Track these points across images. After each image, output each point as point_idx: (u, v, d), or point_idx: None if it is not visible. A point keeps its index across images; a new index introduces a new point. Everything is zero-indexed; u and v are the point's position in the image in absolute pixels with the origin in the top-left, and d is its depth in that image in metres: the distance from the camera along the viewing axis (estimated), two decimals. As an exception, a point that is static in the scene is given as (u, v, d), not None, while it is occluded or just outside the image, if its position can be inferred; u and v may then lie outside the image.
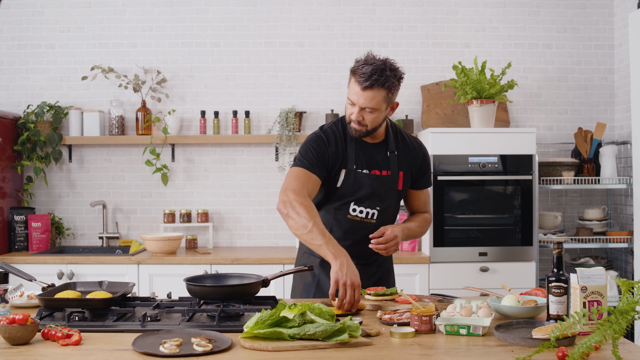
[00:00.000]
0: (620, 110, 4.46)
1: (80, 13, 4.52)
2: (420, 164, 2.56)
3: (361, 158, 2.47)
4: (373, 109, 2.34)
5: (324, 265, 2.48)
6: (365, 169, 2.47)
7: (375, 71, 2.29)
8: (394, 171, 2.50)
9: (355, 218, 2.49)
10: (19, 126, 4.31)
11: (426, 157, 2.60)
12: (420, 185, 2.60)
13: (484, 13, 4.54)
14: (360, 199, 2.47)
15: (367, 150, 2.49)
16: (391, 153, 2.50)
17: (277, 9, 4.52)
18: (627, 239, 4.07)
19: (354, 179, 2.45)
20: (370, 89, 2.30)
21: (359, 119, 2.37)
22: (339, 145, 2.46)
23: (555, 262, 2.02)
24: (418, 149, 2.57)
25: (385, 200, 2.49)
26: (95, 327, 1.96)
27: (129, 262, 3.87)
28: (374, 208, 2.48)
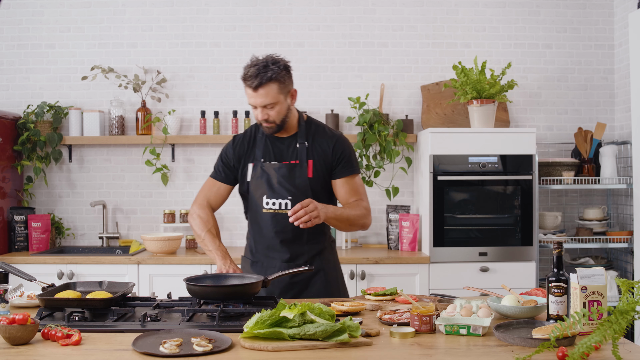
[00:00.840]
0: (620, 110, 4.46)
1: (80, 13, 4.52)
2: (333, 152, 2.59)
3: (270, 152, 2.60)
4: (272, 103, 2.47)
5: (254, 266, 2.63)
6: (274, 161, 2.58)
7: (259, 70, 2.44)
8: (302, 160, 2.56)
9: (270, 211, 2.55)
10: (19, 126, 4.31)
11: (340, 145, 2.61)
12: (338, 174, 2.61)
13: (484, 13, 4.54)
14: (270, 190, 2.54)
15: (277, 144, 2.61)
16: (300, 144, 2.58)
17: (277, 9, 4.52)
18: (627, 239, 4.07)
19: (262, 171, 2.56)
20: (261, 87, 2.44)
21: (265, 117, 2.51)
22: (248, 144, 2.64)
23: (555, 262, 2.02)
24: (331, 138, 2.62)
25: (297, 188, 2.53)
26: (95, 327, 1.97)
27: (129, 262, 3.87)
28: (286, 198, 2.54)
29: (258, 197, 2.57)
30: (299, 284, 2.58)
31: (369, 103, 4.46)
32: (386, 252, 4.12)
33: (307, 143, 2.59)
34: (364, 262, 3.86)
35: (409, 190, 4.49)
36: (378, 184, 4.44)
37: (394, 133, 4.30)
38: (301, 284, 2.59)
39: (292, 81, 2.54)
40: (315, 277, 2.60)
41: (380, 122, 4.29)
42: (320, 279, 2.61)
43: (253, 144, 2.63)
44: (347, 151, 2.62)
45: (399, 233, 4.23)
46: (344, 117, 4.47)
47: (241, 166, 2.64)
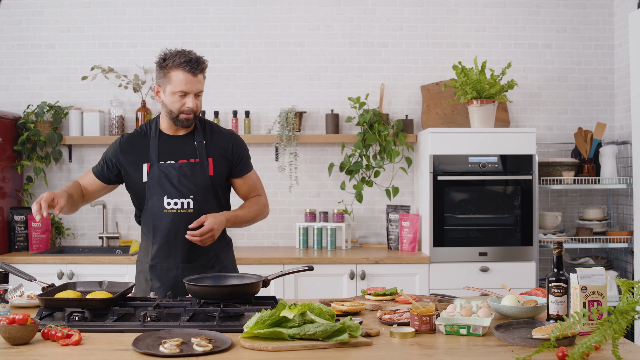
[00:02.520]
0: (620, 110, 4.46)
1: (80, 13, 4.52)
2: (232, 150, 2.59)
3: (165, 151, 2.53)
4: (201, 92, 2.49)
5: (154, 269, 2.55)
6: (170, 160, 2.52)
7: (197, 57, 2.46)
8: (202, 158, 2.53)
9: (172, 211, 2.50)
10: (19, 126, 4.31)
11: (238, 144, 2.63)
12: (238, 172, 2.62)
13: (484, 13, 4.54)
14: (171, 190, 2.49)
15: (172, 142, 2.55)
16: (199, 142, 2.55)
17: (277, 9, 4.52)
18: (627, 239, 4.07)
19: (159, 171, 2.50)
20: (200, 73, 2.46)
21: (194, 107, 2.47)
22: (139, 142, 2.56)
23: (555, 262, 2.02)
24: (229, 137, 2.62)
25: (198, 187, 2.50)
26: (95, 327, 1.96)
27: (129, 262, 3.86)
28: (187, 197, 2.50)
29: (157, 197, 2.50)
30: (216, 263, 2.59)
31: (369, 103, 4.46)
32: (386, 252, 4.12)
33: (205, 141, 2.56)
34: (364, 262, 3.86)
35: (409, 190, 4.49)
36: (378, 184, 4.44)
37: (394, 133, 4.30)
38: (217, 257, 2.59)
39: None
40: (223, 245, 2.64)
41: (380, 122, 4.29)
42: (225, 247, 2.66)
43: (146, 144, 2.55)
44: (244, 150, 2.65)
45: (399, 233, 4.23)
46: (344, 117, 4.47)
47: (131, 167, 2.54)
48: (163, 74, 2.47)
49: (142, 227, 2.63)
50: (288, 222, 4.49)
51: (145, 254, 2.61)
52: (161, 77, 2.48)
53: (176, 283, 2.51)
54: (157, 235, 2.54)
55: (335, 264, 3.87)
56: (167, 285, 2.53)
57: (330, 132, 4.38)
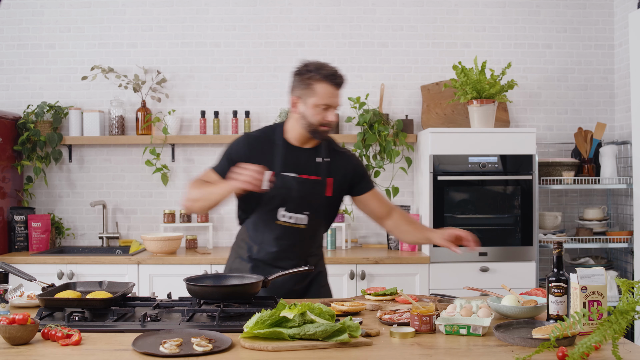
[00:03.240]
0: (620, 110, 4.46)
1: (80, 13, 4.52)
2: (355, 171, 2.58)
3: (289, 161, 2.47)
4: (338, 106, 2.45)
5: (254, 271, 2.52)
6: (293, 172, 2.46)
7: (337, 71, 2.42)
8: (323, 177, 2.50)
9: (285, 224, 2.48)
10: (19, 126, 4.31)
11: (360, 163, 2.63)
12: (362, 189, 2.60)
13: (484, 13, 4.54)
14: (288, 203, 2.46)
15: (296, 154, 2.50)
16: (322, 160, 2.51)
17: (277, 9, 4.52)
18: (627, 239, 4.06)
19: (281, 182, 2.44)
20: (341, 87, 2.43)
21: (334, 119, 2.44)
22: (265, 148, 2.49)
23: (555, 262, 2.02)
24: (351, 157, 2.61)
25: (314, 205, 2.48)
26: (95, 327, 1.97)
27: (129, 262, 3.87)
28: (302, 213, 2.48)
29: (273, 207, 2.46)
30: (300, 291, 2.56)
31: (369, 103, 4.46)
32: (386, 252, 4.12)
33: (329, 159, 2.52)
34: (364, 262, 3.86)
35: (409, 190, 4.49)
36: (378, 184, 4.44)
37: (394, 133, 4.30)
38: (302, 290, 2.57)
39: None
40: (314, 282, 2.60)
41: (380, 122, 4.29)
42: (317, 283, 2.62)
43: (272, 150, 2.48)
44: (364, 167, 2.65)
45: (399, 233, 4.23)
46: (344, 117, 4.47)
47: None
48: (305, 86, 2.41)
49: (248, 228, 2.57)
50: (288, 222, 4.48)
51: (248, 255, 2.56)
52: (302, 89, 2.42)
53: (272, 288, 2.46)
54: (265, 243, 2.51)
55: (335, 264, 3.87)
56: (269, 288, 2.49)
57: (331, 132, 4.37)
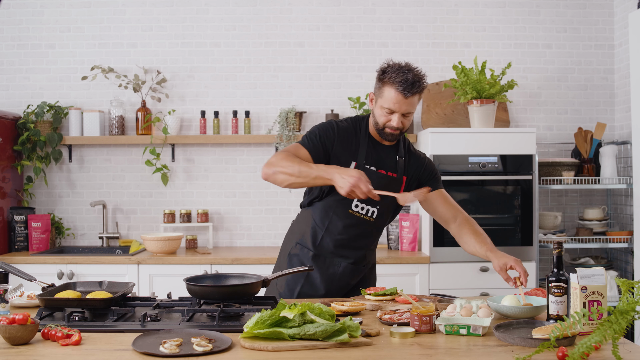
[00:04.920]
0: (620, 110, 4.46)
1: (80, 13, 4.52)
2: (424, 169, 2.61)
3: (372, 155, 2.52)
4: (411, 113, 2.45)
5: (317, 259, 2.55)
6: (373, 167, 2.51)
7: (417, 77, 2.38)
8: (399, 175, 2.55)
9: (356, 214, 2.53)
10: (19, 126, 4.31)
11: (431, 165, 2.66)
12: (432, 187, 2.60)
13: (484, 13, 4.54)
14: None
15: (378, 149, 2.55)
16: (400, 158, 2.56)
17: (277, 9, 4.52)
18: (627, 239, 4.06)
19: None
20: (413, 96, 2.39)
21: (399, 125, 2.44)
22: (352, 138, 2.52)
23: (555, 262, 2.02)
24: (424, 159, 2.65)
25: (385, 201, 2.50)
26: (95, 327, 1.96)
27: (129, 262, 3.87)
28: (375, 206, 2.52)
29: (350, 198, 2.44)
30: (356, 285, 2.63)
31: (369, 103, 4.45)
32: (386, 252, 4.12)
33: (404, 158, 2.57)
34: (364, 262, 3.85)
35: (409, 190, 4.49)
36: (378, 184, 4.43)
37: (394, 133, 4.29)
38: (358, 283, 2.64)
39: None
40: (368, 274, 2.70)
41: (380, 122, 4.28)
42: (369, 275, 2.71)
43: (357, 142, 2.52)
44: (435, 169, 2.67)
45: (399, 233, 4.23)
46: (344, 117, 4.46)
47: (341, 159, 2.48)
48: (379, 86, 2.45)
49: (316, 213, 2.57)
50: (288, 222, 4.47)
51: (311, 242, 2.57)
52: (377, 88, 2.46)
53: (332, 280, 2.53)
54: (332, 230, 2.53)
55: (335, 264, 3.87)
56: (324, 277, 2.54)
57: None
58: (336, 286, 2.56)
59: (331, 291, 2.56)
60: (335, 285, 2.56)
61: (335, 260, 2.56)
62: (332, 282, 2.55)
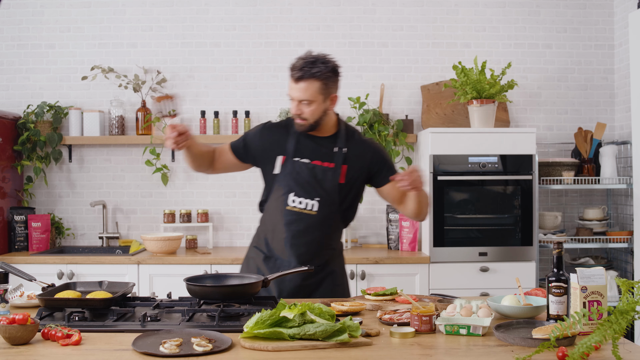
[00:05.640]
0: (620, 110, 4.46)
1: (80, 13, 4.52)
2: (371, 160, 2.56)
3: (303, 148, 2.53)
4: (309, 100, 2.43)
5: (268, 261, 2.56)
6: (305, 159, 2.51)
7: (306, 64, 2.39)
8: (337, 164, 2.51)
9: (294, 209, 2.50)
10: (19, 126, 4.31)
11: (378, 153, 2.59)
12: (382, 180, 2.59)
13: (484, 13, 4.54)
14: (298, 188, 2.49)
15: (312, 142, 2.54)
16: (338, 148, 2.53)
17: (277, 9, 4.52)
18: (627, 239, 4.06)
19: (292, 167, 2.50)
20: (302, 81, 2.40)
21: (297, 112, 2.47)
22: (281, 134, 2.57)
23: (555, 262, 2.02)
24: (371, 148, 2.59)
25: (326, 192, 2.49)
26: (95, 327, 1.97)
27: (129, 262, 3.87)
28: (314, 199, 2.49)
29: (284, 193, 2.50)
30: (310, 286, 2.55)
31: (369, 103, 4.46)
32: (386, 252, 4.12)
33: (345, 149, 2.53)
34: (364, 262, 3.86)
35: (409, 190, 4.49)
36: (378, 184, 4.43)
37: (394, 133, 4.30)
38: (312, 285, 2.56)
39: (337, 86, 2.50)
40: (327, 279, 2.59)
41: (380, 122, 4.29)
42: (329, 281, 2.60)
43: (286, 137, 2.55)
44: (387, 157, 2.63)
45: (399, 233, 4.23)
46: (344, 117, 4.44)
47: (267, 156, 2.56)
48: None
49: (264, 216, 2.63)
50: (288, 222, 4.48)
51: (264, 244, 2.59)
52: None
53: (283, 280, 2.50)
54: (277, 230, 2.54)
55: (335, 264, 3.87)
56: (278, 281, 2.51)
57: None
58: (287, 287, 2.51)
59: (283, 292, 2.51)
60: (287, 285, 2.51)
61: (285, 261, 2.52)
62: (282, 283, 2.50)
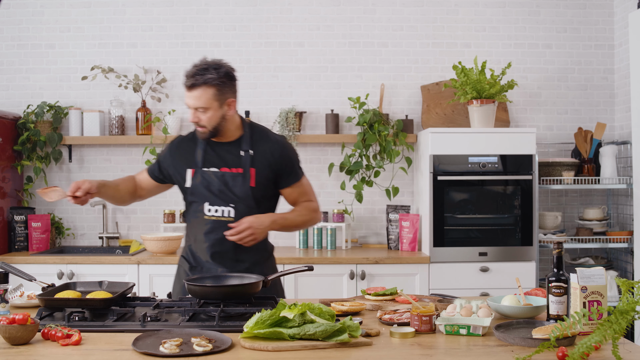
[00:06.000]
0: (620, 110, 4.46)
1: (80, 13, 4.52)
2: (277, 161, 2.52)
3: (210, 157, 2.52)
4: (204, 107, 2.40)
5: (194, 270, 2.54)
6: (214, 168, 2.50)
7: (198, 71, 2.38)
8: (246, 169, 2.49)
9: (212, 218, 2.49)
10: (19, 126, 4.31)
11: (285, 154, 2.54)
12: (284, 183, 2.55)
13: (484, 13, 4.54)
14: (212, 197, 2.48)
15: (217, 149, 2.53)
16: (244, 152, 2.50)
17: (277, 9, 4.52)
18: (627, 239, 4.06)
19: (202, 177, 2.49)
20: (195, 88, 2.38)
21: (195, 120, 2.44)
22: (189, 147, 2.56)
23: (555, 262, 2.02)
24: (276, 146, 2.53)
25: (239, 197, 2.47)
26: (95, 327, 1.97)
27: (129, 262, 3.87)
28: (228, 205, 2.48)
29: (199, 203, 2.50)
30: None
31: (369, 103, 4.46)
32: (386, 252, 4.12)
33: (253, 151, 2.50)
34: (364, 262, 3.86)
35: (409, 190, 4.49)
36: (378, 184, 4.44)
37: (394, 133, 4.30)
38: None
39: (233, 90, 2.48)
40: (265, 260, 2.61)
41: (380, 122, 4.29)
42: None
43: (194, 149, 2.54)
44: (292, 158, 2.56)
45: (399, 233, 4.23)
46: (344, 117, 4.47)
47: (178, 171, 2.56)
48: None
49: (187, 227, 2.63)
50: (288, 222, 4.48)
51: (190, 254, 2.59)
52: None
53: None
54: (198, 240, 2.53)
55: (335, 264, 3.88)
56: None
57: (330, 132, 4.38)
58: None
59: None
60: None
61: (210, 270, 2.50)
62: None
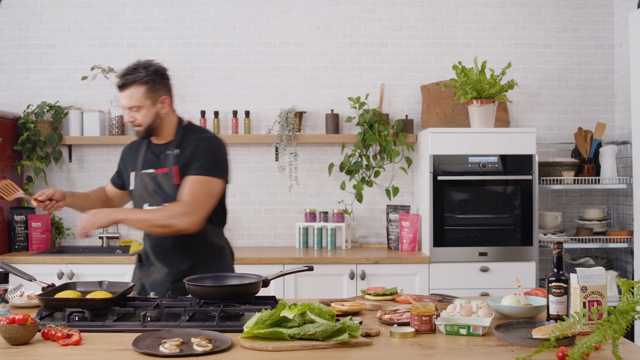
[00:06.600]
0: (620, 110, 4.46)
1: (80, 13, 4.52)
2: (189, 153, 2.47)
3: (148, 159, 2.56)
4: (137, 106, 2.44)
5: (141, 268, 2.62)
6: (150, 169, 2.54)
7: (128, 71, 2.45)
8: (169, 167, 2.51)
9: None
10: (19, 126, 4.31)
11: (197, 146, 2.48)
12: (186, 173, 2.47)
13: (484, 13, 4.54)
14: (149, 198, 2.52)
15: (153, 151, 2.57)
16: (171, 151, 2.52)
17: (277, 9, 4.52)
18: (627, 239, 4.06)
19: (140, 180, 2.55)
20: (126, 88, 2.43)
21: (130, 120, 2.48)
22: (135, 150, 2.63)
23: (555, 262, 2.02)
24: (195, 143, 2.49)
25: (169, 196, 2.48)
26: (95, 327, 1.97)
27: (129, 262, 3.86)
28: (161, 203, 2.48)
29: (140, 205, 2.55)
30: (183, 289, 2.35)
31: (369, 103, 4.46)
32: (386, 252, 4.12)
33: (177, 150, 2.51)
34: (364, 262, 3.86)
35: (409, 190, 4.49)
36: (378, 184, 4.44)
37: (394, 133, 4.30)
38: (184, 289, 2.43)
39: (166, 88, 2.50)
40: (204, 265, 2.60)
41: (380, 122, 4.29)
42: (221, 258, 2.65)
43: (139, 152, 2.60)
44: (204, 152, 2.47)
45: (399, 233, 4.23)
46: (344, 117, 4.47)
47: (126, 176, 2.64)
48: None
49: None
50: (288, 222, 4.48)
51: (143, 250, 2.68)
52: None
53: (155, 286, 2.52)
54: (145, 239, 2.63)
55: (335, 264, 3.88)
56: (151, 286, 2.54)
57: (330, 132, 4.38)
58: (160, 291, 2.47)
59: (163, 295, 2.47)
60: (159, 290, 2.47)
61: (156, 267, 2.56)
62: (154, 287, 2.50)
